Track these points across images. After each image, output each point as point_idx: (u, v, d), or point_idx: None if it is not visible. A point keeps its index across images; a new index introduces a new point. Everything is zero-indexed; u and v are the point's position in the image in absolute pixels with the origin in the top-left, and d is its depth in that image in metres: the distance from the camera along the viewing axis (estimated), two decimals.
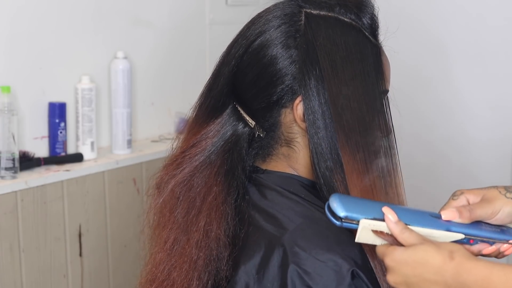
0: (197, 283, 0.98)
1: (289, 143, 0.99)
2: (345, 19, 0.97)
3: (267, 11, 1.00)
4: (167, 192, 1.02)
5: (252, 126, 1.01)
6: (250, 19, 1.01)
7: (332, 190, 0.94)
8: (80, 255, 1.86)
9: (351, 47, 0.95)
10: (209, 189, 1.00)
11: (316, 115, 0.94)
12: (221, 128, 1.03)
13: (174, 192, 1.02)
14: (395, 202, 0.94)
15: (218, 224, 0.97)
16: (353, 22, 0.97)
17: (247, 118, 1.01)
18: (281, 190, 0.97)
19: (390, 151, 0.96)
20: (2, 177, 1.69)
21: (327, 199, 0.92)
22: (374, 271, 0.89)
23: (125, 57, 1.99)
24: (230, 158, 1.01)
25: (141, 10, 2.13)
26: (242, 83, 1.00)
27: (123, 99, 1.99)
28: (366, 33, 0.97)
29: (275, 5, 1.00)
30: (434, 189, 2.37)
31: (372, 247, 0.88)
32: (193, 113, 1.05)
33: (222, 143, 1.02)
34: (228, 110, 1.03)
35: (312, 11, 0.97)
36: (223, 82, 1.01)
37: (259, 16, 1.00)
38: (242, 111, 1.02)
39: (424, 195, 2.39)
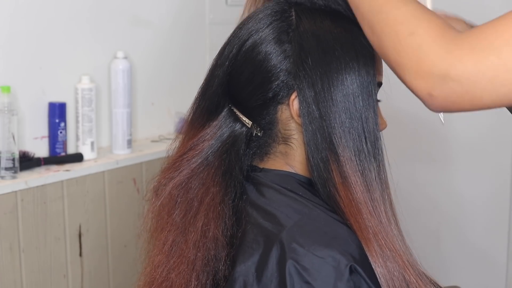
0: (196, 283, 0.98)
1: (286, 140, 1.00)
2: (335, 9, 0.99)
3: (257, 11, 1.01)
4: (165, 195, 1.03)
5: (249, 126, 1.02)
6: (240, 21, 1.02)
7: (326, 182, 0.94)
8: (80, 255, 1.86)
9: (343, 37, 0.96)
10: (206, 190, 1.00)
11: (311, 106, 0.94)
12: (217, 130, 1.03)
13: (172, 195, 1.02)
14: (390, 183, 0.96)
15: (216, 224, 0.98)
16: (344, 12, 0.99)
17: (244, 118, 1.02)
18: (278, 188, 0.98)
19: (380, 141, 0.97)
20: (2, 177, 1.70)
21: (322, 193, 0.93)
22: (369, 258, 0.89)
23: (125, 57, 1.99)
24: (227, 159, 1.01)
25: (141, 10, 2.13)
26: (237, 82, 1.00)
27: (123, 99, 1.99)
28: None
29: (264, 6, 1.01)
30: (432, 189, 2.37)
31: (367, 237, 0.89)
32: (189, 117, 1.06)
33: (219, 145, 1.03)
34: (223, 113, 1.04)
35: (302, 6, 0.99)
36: (217, 83, 1.02)
37: (249, 17, 1.02)
38: (237, 112, 1.02)
39: (423, 194, 2.39)
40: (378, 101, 0.98)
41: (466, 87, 0.78)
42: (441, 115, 1.09)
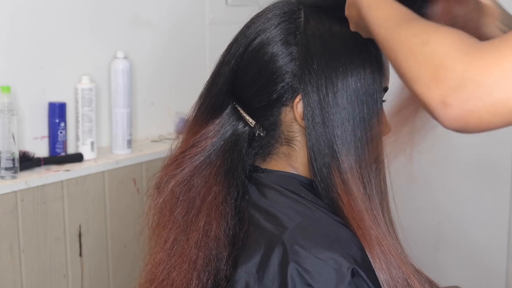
0: (197, 282, 0.98)
1: (289, 142, 0.99)
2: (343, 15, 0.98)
3: (266, 10, 1.00)
4: (167, 192, 1.02)
5: (252, 126, 1.01)
6: (249, 19, 1.02)
7: (328, 188, 0.94)
8: (80, 255, 1.86)
9: (351, 42, 0.95)
10: (209, 189, 1.00)
11: (315, 111, 0.94)
12: (221, 128, 1.03)
13: (174, 192, 1.02)
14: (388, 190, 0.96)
15: (218, 224, 0.97)
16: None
17: (247, 117, 1.01)
18: (281, 189, 0.97)
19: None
20: (2, 177, 1.69)
21: (324, 197, 0.93)
22: (372, 264, 0.89)
23: (125, 57, 1.99)
24: (230, 157, 1.01)
25: (141, 10, 2.13)
26: (242, 81, 1.00)
27: (123, 99, 1.99)
28: None
29: (274, 4, 1.00)
30: (432, 188, 2.37)
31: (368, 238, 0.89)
32: (193, 114, 1.05)
33: (222, 143, 1.02)
34: (227, 110, 1.03)
35: (311, 8, 0.98)
36: (223, 81, 1.01)
37: (258, 16, 1.01)
38: (241, 111, 1.02)
39: (422, 193, 2.39)
40: (383, 101, 0.98)
41: (489, 88, 0.66)
42: None
